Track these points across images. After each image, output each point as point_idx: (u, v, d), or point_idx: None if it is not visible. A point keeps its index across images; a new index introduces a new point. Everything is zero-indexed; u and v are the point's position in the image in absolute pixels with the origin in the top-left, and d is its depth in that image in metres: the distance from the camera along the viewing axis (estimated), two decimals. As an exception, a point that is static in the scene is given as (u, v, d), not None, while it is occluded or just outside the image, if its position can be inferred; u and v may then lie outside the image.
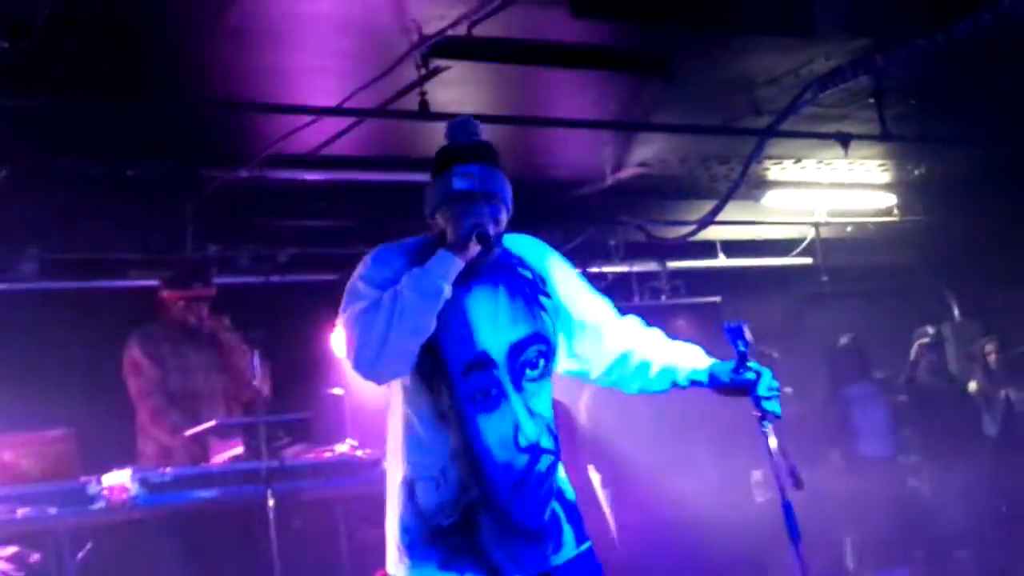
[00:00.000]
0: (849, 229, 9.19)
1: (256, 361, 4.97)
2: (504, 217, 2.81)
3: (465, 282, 2.75)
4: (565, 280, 2.96)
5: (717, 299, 8.90)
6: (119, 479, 4.88)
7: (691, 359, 2.95)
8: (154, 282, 6.04)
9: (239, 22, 4.34)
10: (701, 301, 8.71)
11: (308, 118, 5.25)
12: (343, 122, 5.44)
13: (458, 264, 2.70)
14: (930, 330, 8.18)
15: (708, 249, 8.69)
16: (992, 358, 8.31)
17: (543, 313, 2.87)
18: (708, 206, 6.94)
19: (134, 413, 5.58)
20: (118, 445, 5.54)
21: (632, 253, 8.24)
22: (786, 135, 6.24)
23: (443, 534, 2.75)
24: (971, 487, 7.60)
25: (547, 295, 2.90)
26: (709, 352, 3.01)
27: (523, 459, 2.76)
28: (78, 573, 4.75)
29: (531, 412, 2.81)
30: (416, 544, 2.76)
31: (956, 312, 9.94)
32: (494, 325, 2.79)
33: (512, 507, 2.74)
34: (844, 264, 9.11)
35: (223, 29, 4.38)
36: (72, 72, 4.56)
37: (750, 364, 2.83)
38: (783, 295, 9.58)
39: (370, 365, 2.64)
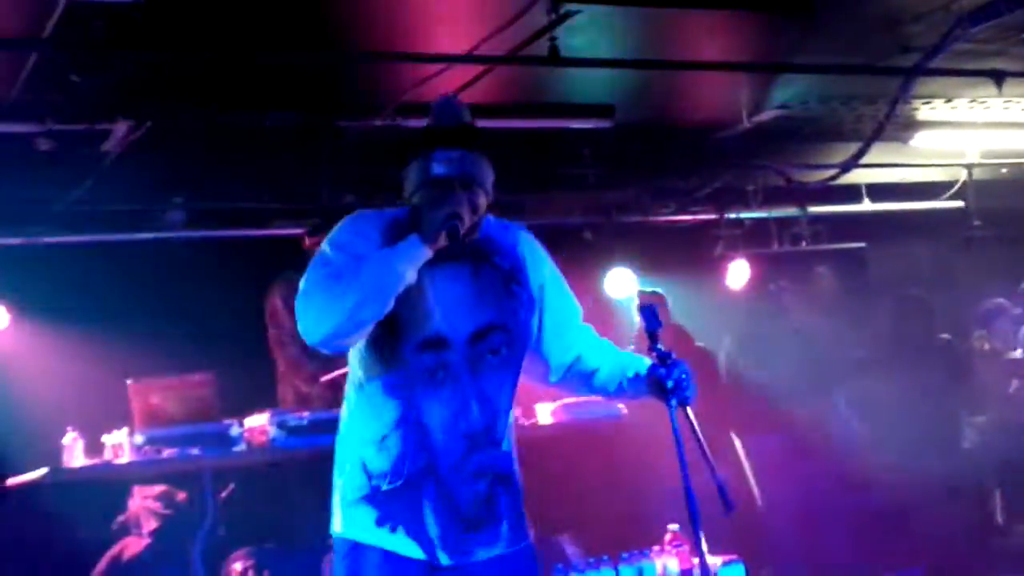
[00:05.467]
0: (1004, 171, 8.76)
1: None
2: (483, 202, 2.78)
3: (437, 260, 2.70)
4: (543, 273, 2.93)
5: (862, 245, 8.64)
6: (259, 422, 5.04)
7: (634, 366, 2.95)
8: (294, 231, 6.18)
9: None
10: (845, 247, 8.47)
11: (439, 67, 5.25)
12: (474, 70, 5.42)
13: (426, 253, 2.66)
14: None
15: (852, 193, 8.39)
16: None
17: (514, 302, 2.83)
18: (852, 149, 6.72)
19: (274, 359, 5.74)
20: (258, 389, 5.72)
21: (771, 198, 8.02)
22: (936, 73, 5.96)
23: (384, 496, 2.73)
24: None
25: (520, 285, 2.86)
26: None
27: (462, 445, 2.73)
28: (221, 511, 4.94)
29: (483, 399, 2.76)
30: (356, 502, 2.76)
31: (1120, 257, 9.41)
32: (457, 307, 2.76)
33: (451, 488, 2.72)
34: (998, 207, 8.70)
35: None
36: (210, 26, 4.66)
37: (659, 347, 2.85)
38: (932, 240, 9.23)
39: (317, 333, 2.62)
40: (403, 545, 2.72)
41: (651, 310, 2.90)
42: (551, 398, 5.61)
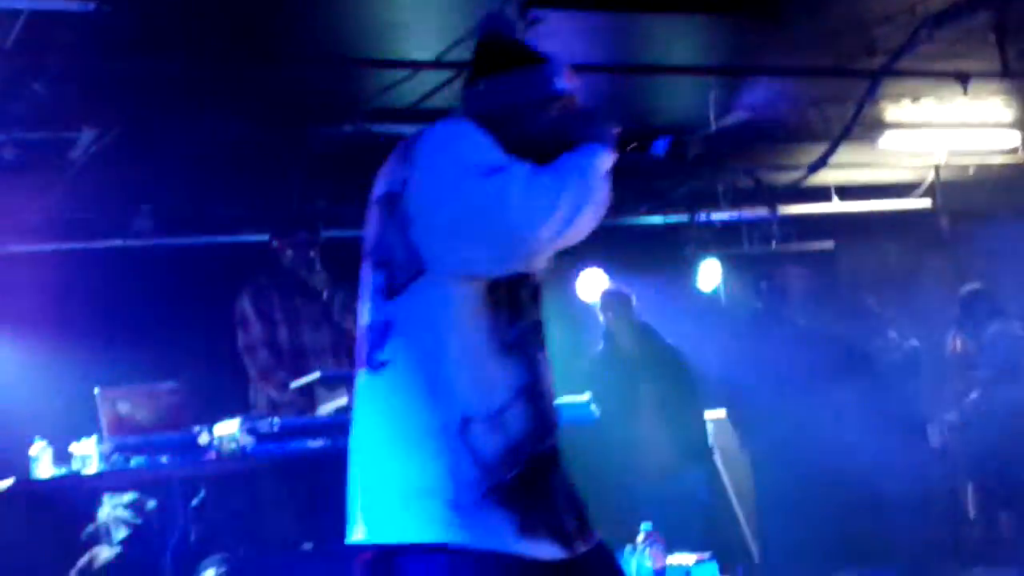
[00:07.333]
0: (972, 171, 8.84)
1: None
2: None
3: None
4: None
5: (830, 245, 8.70)
6: (229, 429, 5.01)
7: None
8: (263, 237, 6.15)
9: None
10: (814, 248, 8.53)
11: (407, 72, 5.25)
12: (442, 75, 5.42)
13: (608, 163, 2.24)
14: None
15: (821, 193, 8.47)
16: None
17: None
18: (821, 150, 6.76)
19: (244, 365, 5.72)
20: (229, 396, 5.69)
21: (741, 199, 8.08)
22: (902, 75, 6.01)
23: (514, 490, 2.11)
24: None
25: None
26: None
27: (556, 416, 2.25)
28: (191, 520, 4.91)
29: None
30: (479, 503, 2.10)
31: (1087, 255, 9.50)
32: None
33: (563, 468, 2.23)
34: (966, 206, 8.78)
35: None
36: (175, 34, 4.65)
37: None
38: (901, 240, 9.31)
39: (556, 232, 2.15)
40: (545, 548, 2.13)
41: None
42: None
